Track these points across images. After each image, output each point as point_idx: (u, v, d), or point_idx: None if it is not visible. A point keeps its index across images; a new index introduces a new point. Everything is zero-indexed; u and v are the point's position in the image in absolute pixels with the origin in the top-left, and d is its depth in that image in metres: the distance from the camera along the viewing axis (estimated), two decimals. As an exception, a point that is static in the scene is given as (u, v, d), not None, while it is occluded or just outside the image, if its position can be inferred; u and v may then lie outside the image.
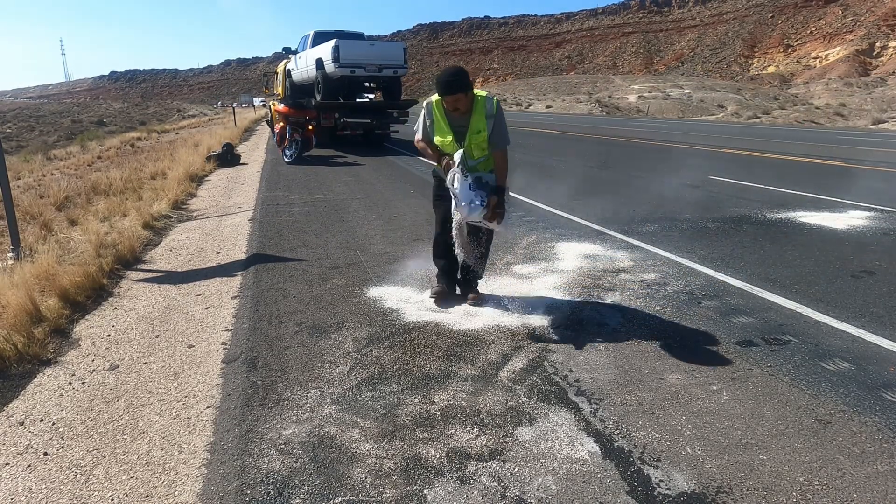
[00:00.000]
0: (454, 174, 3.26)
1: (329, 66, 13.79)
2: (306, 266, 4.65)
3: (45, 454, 2.25)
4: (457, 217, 3.33)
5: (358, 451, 2.21)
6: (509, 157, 3.45)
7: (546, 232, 5.77)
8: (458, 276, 3.81)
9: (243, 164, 12.63)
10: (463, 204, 3.23)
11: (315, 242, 5.42)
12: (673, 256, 4.86)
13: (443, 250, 3.70)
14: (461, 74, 3.18)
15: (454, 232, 3.42)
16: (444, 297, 3.76)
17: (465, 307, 3.70)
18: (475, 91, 3.28)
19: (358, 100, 15.95)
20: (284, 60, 18.49)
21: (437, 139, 3.39)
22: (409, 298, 3.88)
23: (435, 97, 3.34)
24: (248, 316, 3.60)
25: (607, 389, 2.67)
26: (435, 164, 3.51)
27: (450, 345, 3.16)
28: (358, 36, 15.97)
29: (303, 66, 16.08)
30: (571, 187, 8.63)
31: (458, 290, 3.86)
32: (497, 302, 3.80)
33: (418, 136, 3.50)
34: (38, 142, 30.09)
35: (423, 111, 3.45)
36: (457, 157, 3.29)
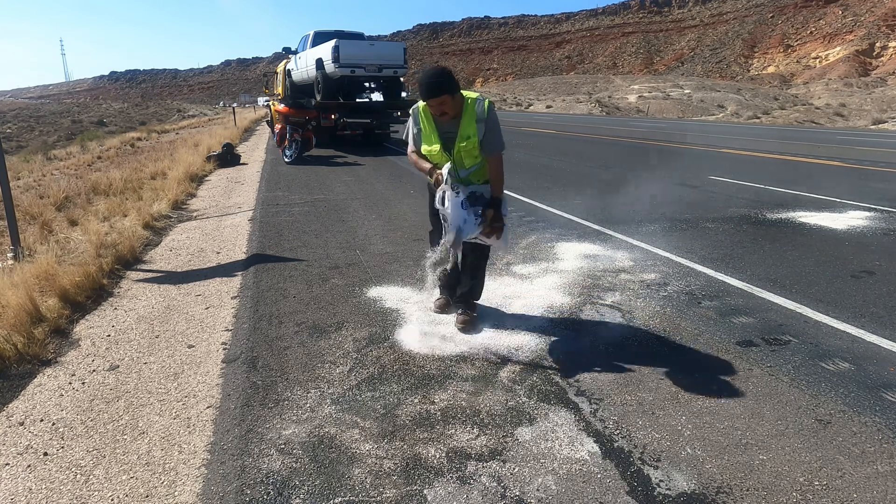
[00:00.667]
0: (443, 192, 2.95)
1: (329, 66, 13.79)
2: (306, 266, 4.65)
3: (45, 454, 2.25)
4: (447, 238, 2.98)
5: (358, 451, 2.21)
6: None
7: (546, 232, 5.77)
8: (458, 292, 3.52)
9: (243, 164, 12.63)
10: (454, 225, 2.92)
11: (315, 242, 5.42)
12: (673, 256, 4.86)
13: (442, 264, 3.39)
14: (445, 75, 2.88)
15: (450, 252, 3.09)
16: (448, 308, 3.57)
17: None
18: (465, 93, 3.00)
19: (358, 100, 15.96)
20: (284, 60, 18.48)
21: (424, 148, 3.10)
22: (409, 298, 3.88)
23: (422, 102, 3.04)
24: (248, 316, 3.60)
25: (607, 389, 2.67)
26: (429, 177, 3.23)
27: (450, 345, 3.16)
28: (358, 36, 15.97)
29: (303, 67, 16.08)
30: (571, 187, 8.63)
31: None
32: (496, 305, 3.80)
33: (410, 147, 3.23)
34: (38, 142, 30.08)
35: (409, 119, 3.18)
36: (445, 171, 2.97)
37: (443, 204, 2.98)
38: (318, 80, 14.64)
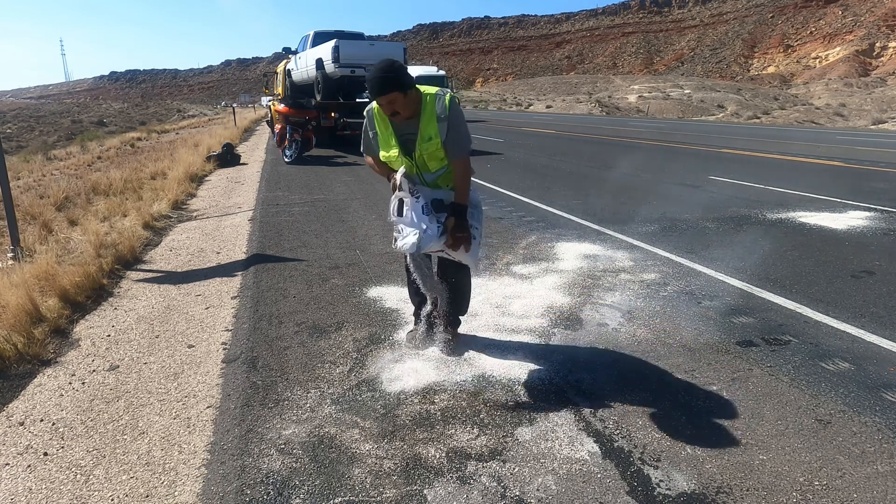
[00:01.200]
0: (399, 200, 2.66)
1: (329, 66, 13.80)
2: (306, 266, 4.65)
3: (45, 454, 2.25)
4: (404, 249, 2.67)
5: (358, 451, 2.21)
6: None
7: (546, 232, 5.77)
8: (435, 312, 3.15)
9: (243, 164, 12.64)
10: (412, 233, 2.61)
11: (315, 242, 5.42)
12: (673, 256, 4.86)
13: (415, 288, 3.13)
14: (395, 69, 2.50)
15: (411, 267, 2.96)
16: (422, 341, 3.13)
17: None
18: (422, 88, 2.63)
19: (358, 100, 15.96)
20: (284, 60, 18.49)
21: (381, 154, 2.76)
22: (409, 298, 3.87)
23: (375, 103, 2.68)
24: (248, 316, 3.60)
25: (607, 389, 2.67)
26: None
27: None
28: (358, 36, 15.98)
29: (303, 67, 16.08)
30: (571, 187, 8.63)
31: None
32: (496, 305, 3.80)
33: (363, 150, 2.91)
34: (38, 142, 30.10)
35: (364, 121, 2.83)
36: (398, 176, 2.67)
37: (399, 213, 2.65)
38: (318, 80, 14.64)
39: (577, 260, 4.78)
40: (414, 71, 20.10)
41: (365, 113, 2.81)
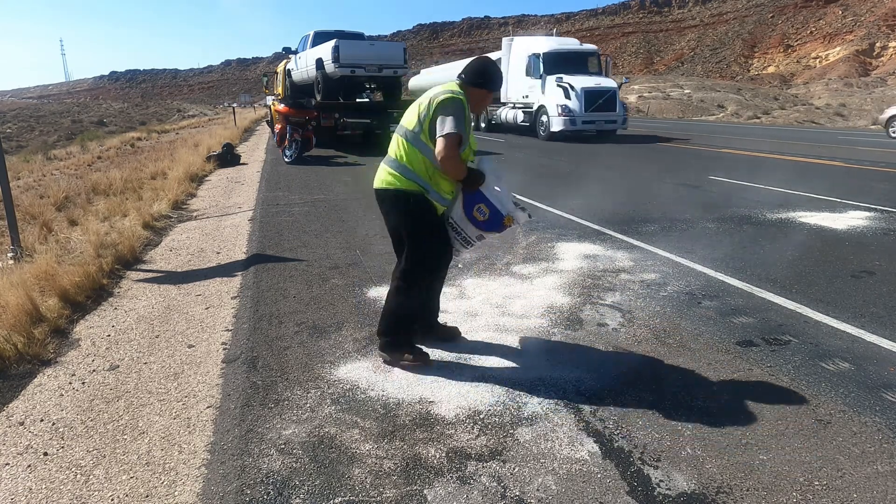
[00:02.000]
0: (492, 190, 2.77)
1: (329, 66, 13.81)
2: (306, 266, 4.65)
3: (45, 454, 2.25)
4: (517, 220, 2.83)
5: (358, 451, 2.21)
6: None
7: (546, 232, 5.77)
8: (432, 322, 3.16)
9: (243, 164, 12.64)
10: (508, 210, 2.79)
11: (315, 242, 5.42)
12: (673, 256, 4.86)
13: (425, 304, 3.01)
14: None
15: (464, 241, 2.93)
16: (427, 363, 2.91)
17: (464, 307, 3.69)
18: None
19: (358, 100, 15.97)
20: (284, 60, 18.50)
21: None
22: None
23: (461, 92, 2.73)
24: (248, 316, 3.60)
25: (607, 389, 2.67)
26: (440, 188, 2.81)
27: (451, 345, 3.15)
28: (358, 36, 16.00)
29: (303, 66, 16.10)
30: (571, 187, 8.62)
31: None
32: (497, 305, 3.80)
33: (458, 144, 2.62)
34: (38, 142, 30.12)
35: (456, 109, 2.62)
36: (487, 165, 2.81)
37: (485, 205, 2.75)
38: (318, 80, 14.65)
39: (577, 260, 4.78)
40: (544, 44, 18.28)
41: (462, 99, 2.67)
